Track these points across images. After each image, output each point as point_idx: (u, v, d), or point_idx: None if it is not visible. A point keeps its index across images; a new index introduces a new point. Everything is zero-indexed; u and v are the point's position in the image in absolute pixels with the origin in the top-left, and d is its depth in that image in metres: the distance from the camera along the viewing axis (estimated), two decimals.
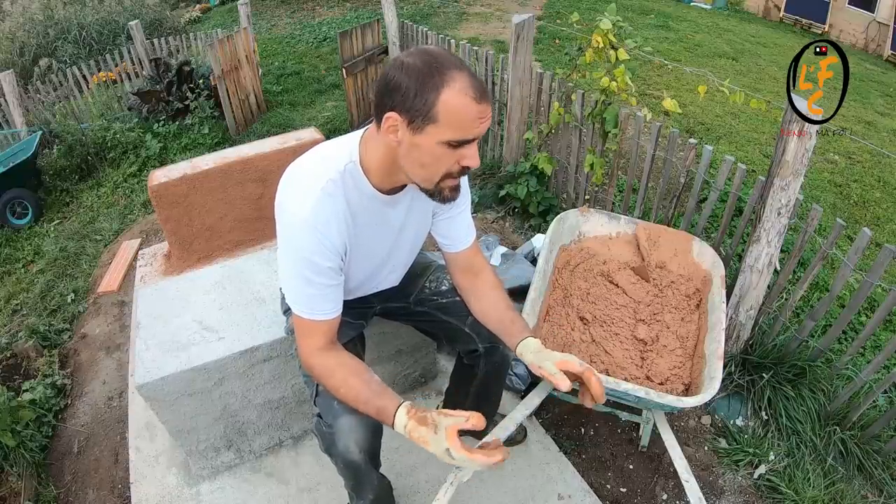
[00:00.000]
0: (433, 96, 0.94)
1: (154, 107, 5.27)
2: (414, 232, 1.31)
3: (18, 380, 2.37)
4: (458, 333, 1.46)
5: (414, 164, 1.03)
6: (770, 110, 3.59)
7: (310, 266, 1.09)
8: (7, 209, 4.59)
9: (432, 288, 1.49)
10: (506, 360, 1.48)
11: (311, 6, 9.55)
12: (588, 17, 5.28)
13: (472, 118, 0.96)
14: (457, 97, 0.94)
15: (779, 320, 2.02)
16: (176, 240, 2.27)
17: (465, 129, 0.97)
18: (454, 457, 0.98)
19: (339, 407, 1.20)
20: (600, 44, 2.23)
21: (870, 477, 1.83)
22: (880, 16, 9.01)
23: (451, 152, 0.99)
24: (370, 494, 1.40)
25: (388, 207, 1.18)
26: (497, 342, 1.42)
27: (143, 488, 1.77)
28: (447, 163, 1.01)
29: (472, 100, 0.95)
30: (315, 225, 1.06)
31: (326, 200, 1.07)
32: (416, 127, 0.97)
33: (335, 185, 1.08)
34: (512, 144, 3.22)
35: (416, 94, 0.94)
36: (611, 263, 1.89)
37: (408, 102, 0.95)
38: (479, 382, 1.54)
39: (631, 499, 1.78)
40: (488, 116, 0.99)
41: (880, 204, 3.74)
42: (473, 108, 0.95)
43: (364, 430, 1.21)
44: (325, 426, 1.23)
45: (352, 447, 1.21)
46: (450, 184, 1.06)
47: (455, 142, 0.98)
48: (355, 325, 1.43)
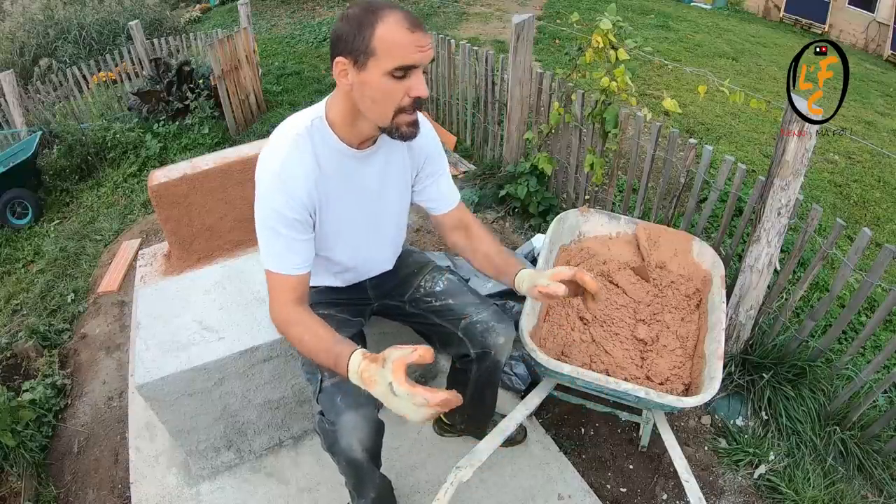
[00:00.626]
0: (369, 33, 1.02)
1: (154, 107, 5.27)
2: (396, 199, 1.33)
3: (18, 380, 2.37)
4: (451, 338, 1.46)
5: (367, 102, 1.08)
6: (770, 110, 3.59)
7: (277, 218, 1.14)
8: (7, 209, 4.59)
9: (427, 288, 1.49)
10: (497, 365, 1.48)
11: (311, 6, 9.54)
12: (588, 17, 5.28)
13: (408, 45, 1.02)
14: (390, 29, 1.01)
15: (779, 320, 2.02)
16: (176, 240, 2.28)
17: (403, 57, 1.02)
18: (396, 392, 0.93)
19: (341, 404, 1.21)
20: (600, 44, 2.23)
21: (870, 477, 1.83)
22: (880, 16, 9.01)
23: (397, 84, 1.05)
24: (371, 493, 1.41)
25: (358, 164, 1.21)
26: (488, 348, 1.42)
27: (143, 488, 1.77)
28: (396, 96, 1.06)
29: (405, 29, 1.02)
30: (281, 175, 1.13)
31: (293, 153, 1.14)
32: (361, 64, 1.04)
33: (301, 139, 1.15)
34: (512, 144, 3.22)
35: (355, 35, 1.03)
36: (611, 263, 1.89)
37: (350, 45, 1.04)
38: (472, 387, 1.55)
39: (631, 499, 1.78)
40: (426, 46, 1.04)
41: (880, 204, 3.74)
42: (407, 37, 1.02)
43: (367, 427, 1.22)
44: (327, 424, 1.23)
45: (354, 445, 1.21)
46: (405, 119, 1.10)
47: (396, 70, 1.03)
48: (354, 322, 1.44)
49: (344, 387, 1.24)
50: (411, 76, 1.05)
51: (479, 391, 1.57)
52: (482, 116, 3.62)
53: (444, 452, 1.80)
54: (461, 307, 1.45)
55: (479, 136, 3.77)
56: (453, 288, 1.49)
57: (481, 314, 1.43)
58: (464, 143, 3.98)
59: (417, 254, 1.60)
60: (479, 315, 1.43)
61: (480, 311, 1.44)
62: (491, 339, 1.41)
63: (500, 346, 1.43)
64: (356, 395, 1.24)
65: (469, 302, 1.46)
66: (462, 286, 1.50)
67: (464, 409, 1.68)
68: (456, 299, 1.46)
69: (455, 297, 1.47)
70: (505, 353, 1.45)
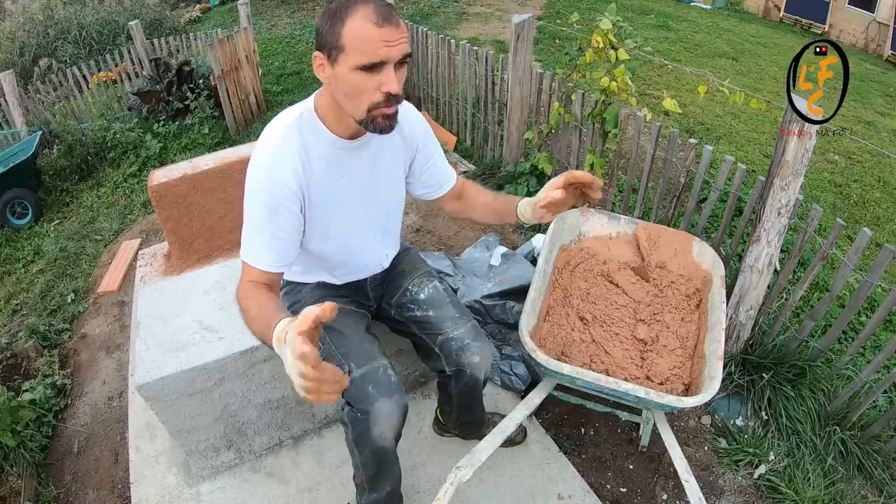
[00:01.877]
0: (339, 27, 1.02)
1: (154, 107, 5.27)
2: (387, 189, 1.33)
3: (18, 380, 2.37)
4: (430, 352, 1.46)
5: (341, 96, 1.09)
6: (770, 110, 3.59)
7: (263, 208, 1.14)
8: (7, 209, 4.59)
9: (412, 293, 1.48)
10: (476, 382, 1.47)
11: (311, 6, 9.54)
12: (588, 17, 5.28)
13: (375, 41, 1.01)
14: (357, 24, 1.01)
15: (779, 320, 2.02)
16: (176, 240, 2.28)
17: (370, 53, 1.02)
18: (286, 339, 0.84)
19: (374, 392, 1.22)
20: (600, 44, 2.23)
21: (870, 477, 1.83)
22: (880, 16, 9.01)
23: (368, 78, 1.04)
24: (388, 486, 1.41)
25: (347, 156, 1.22)
26: (463, 367, 1.42)
27: (143, 488, 1.77)
28: (368, 91, 1.05)
29: (372, 24, 1.01)
30: (269, 165, 1.14)
31: (282, 144, 1.15)
32: (333, 59, 1.05)
33: (290, 130, 1.16)
34: (512, 144, 3.23)
35: (328, 30, 1.04)
36: (611, 263, 1.89)
37: (323, 39, 1.05)
38: (456, 400, 1.55)
39: (631, 499, 1.78)
40: (395, 40, 1.03)
41: (880, 204, 3.74)
42: (374, 32, 1.01)
43: (399, 414, 1.24)
44: (358, 413, 1.23)
45: (387, 432, 1.23)
46: (380, 112, 1.09)
47: (364, 66, 1.02)
48: (361, 313, 1.45)
49: (374, 376, 1.25)
50: (382, 71, 1.04)
51: (464, 404, 1.58)
52: (482, 116, 3.62)
53: (444, 452, 1.81)
54: (439, 321, 1.43)
55: (479, 136, 3.77)
56: (436, 298, 1.46)
57: (458, 331, 1.41)
58: (464, 143, 3.98)
59: (414, 252, 1.60)
60: (456, 332, 1.41)
61: (458, 327, 1.42)
62: (465, 357, 1.40)
63: (476, 365, 1.41)
64: (388, 382, 1.26)
65: (448, 316, 1.43)
66: (445, 297, 1.48)
67: (454, 417, 1.69)
68: (436, 312, 1.44)
69: (436, 309, 1.44)
70: (482, 370, 1.44)
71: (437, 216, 3.17)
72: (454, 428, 1.78)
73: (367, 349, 1.32)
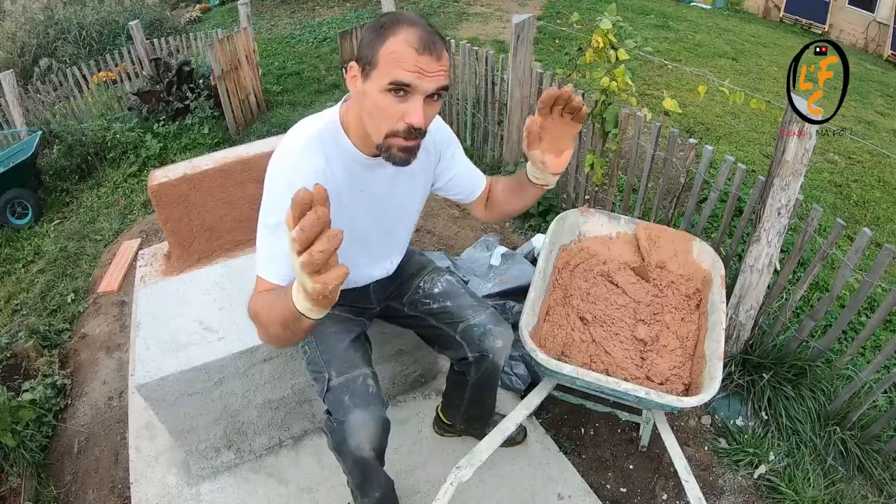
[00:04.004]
0: (380, 43, 0.99)
1: (154, 107, 5.27)
2: (406, 206, 1.32)
3: (18, 380, 2.37)
4: (450, 341, 1.46)
5: (365, 114, 1.06)
6: (770, 110, 3.59)
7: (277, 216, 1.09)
8: (7, 209, 4.58)
9: (425, 289, 1.49)
10: (496, 368, 1.48)
11: (311, 6, 9.55)
12: (588, 17, 5.28)
13: (409, 64, 0.97)
14: (397, 45, 0.97)
15: (779, 320, 2.02)
16: (176, 240, 2.27)
17: (399, 73, 0.97)
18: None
19: (350, 402, 1.21)
20: (600, 44, 2.23)
21: (870, 477, 1.83)
22: (880, 16, 9.01)
23: (394, 104, 1.00)
24: (376, 493, 1.40)
25: (367, 172, 1.19)
26: (486, 352, 1.42)
27: (143, 488, 1.77)
28: (390, 116, 1.02)
29: (412, 49, 0.97)
30: (290, 173, 1.10)
31: (304, 154, 1.12)
32: (366, 73, 1.02)
33: (313, 141, 1.13)
34: (512, 144, 3.23)
35: (368, 43, 1.01)
36: (611, 263, 1.89)
37: (362, 51, 1.02)
38: (471, 389, 1.55)
39: (631, 499, 1.78)
40: (434, 72, 0.98)
41: (880, 204, 3.74)
42: (411, 55, 0.97)
43: (375, 426, 1.22)
44: (335, 423, 1.23)
45: (363, 443, 1.21)
46: (397, 143, 1.05)
47: (391, 85, 0.98)
48: (357, 321, 1.44)
49: (352, 386, 1.24)
50: (409, 100, 1.00)
51: (477, 394, 1.57)
52: (482, 116, 3.62)
53: (444, 452, 1.81)
54: (459, 310, 1.44)
55: (479, 136, 3.77)
56: (451, 290, 1.48)
57: (479, 317, 1.43)
58: (464, 143, 3.97)
59: (417, 254, 1.60)
60: (477, 318, 1.43)
61: (478, 313, 1.43)
62: (489, 342, 1.41)
63: (499, 350, 1.42)
64: (365, 393, 1.24)
65: (467, 305, 1.45)
66: (460, 288, 1.50)
67: (462, 411, 1.68)
68: (454, 302, 1.46)
69: (453, 300, 1.46)
70: (503, 356, 1.45)
71: (438, 216, 3.17)
72: (460, 423, 1.77)
73: (349, 357, 1.31)
